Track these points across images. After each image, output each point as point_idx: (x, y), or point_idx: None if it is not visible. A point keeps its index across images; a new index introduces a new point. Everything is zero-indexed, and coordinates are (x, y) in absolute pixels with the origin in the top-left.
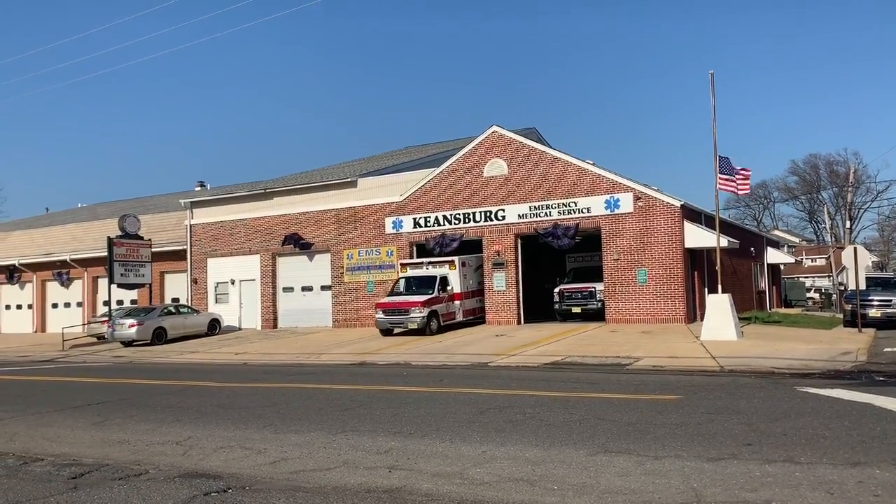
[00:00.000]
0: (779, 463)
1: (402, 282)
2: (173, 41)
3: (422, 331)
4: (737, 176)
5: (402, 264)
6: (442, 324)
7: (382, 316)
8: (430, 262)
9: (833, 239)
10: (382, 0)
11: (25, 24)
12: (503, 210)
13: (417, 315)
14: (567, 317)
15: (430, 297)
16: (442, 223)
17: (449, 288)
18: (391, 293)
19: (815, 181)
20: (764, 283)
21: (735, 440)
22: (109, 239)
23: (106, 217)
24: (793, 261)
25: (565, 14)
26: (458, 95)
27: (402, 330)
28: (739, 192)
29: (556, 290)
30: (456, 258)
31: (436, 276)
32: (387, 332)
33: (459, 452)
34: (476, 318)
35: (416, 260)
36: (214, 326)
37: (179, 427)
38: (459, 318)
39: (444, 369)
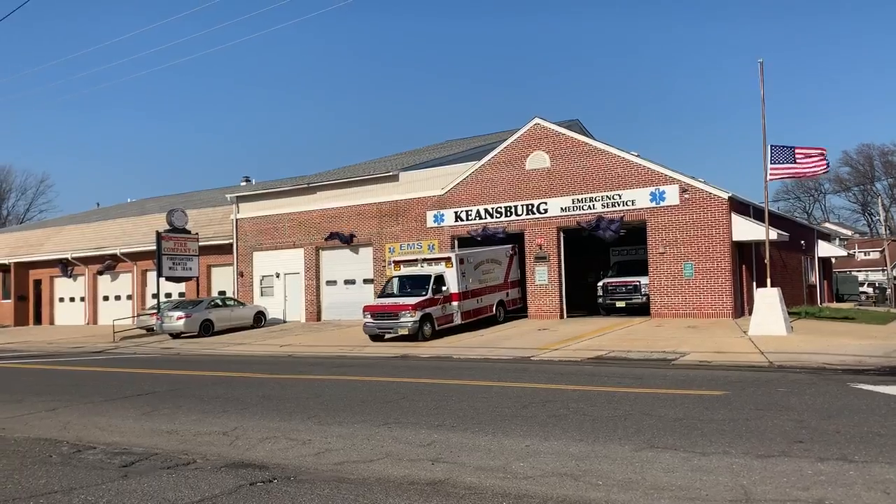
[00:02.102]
0: (832, 461)
1: (394, 281)
2: (221, 39)
3: (413, 337)
4: (798, 160)
5: (394, 262)
6: (437, 328)
7: (371, 321)
8: (424, 260)
9: (888, 231)
10: None
11: (74, 25)
12: (545, 203)
13: (408, 320)
14: (611, 311)
15: (422, 299)
16: (483, 217)
17: (444, 288)
18: (382, 294)
19: (868, 172)
20: (814, 277)
21: (785, 437)
22: (158, 233)
23: (154, 212)
24: (845, 254)
25: (611, 6)
26: (501, 89)
27: (393, 336)
28: (809, 174)
29: (600, 283)
30: (452, 254)
31: (430, 276)
32: (377, 338)
33: (502, 446)
34: (478, 320)
35: (409, 257)
36: (260, 319)
37: (226, 418)
38: (458, 321)
39: (486, 363)
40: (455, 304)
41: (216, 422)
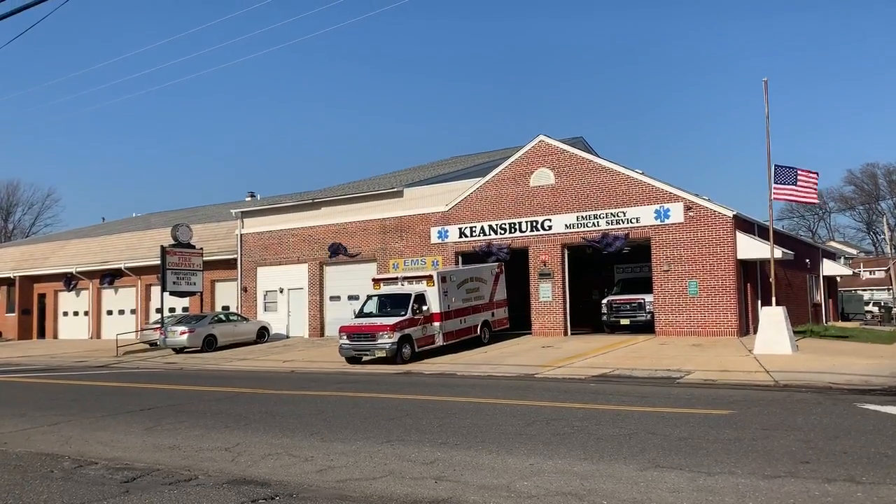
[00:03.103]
0: (839, 482)
1: (372, 300)
2: (225, 56)
3: (392, 360)
4: (799, 182)
5: (374, 280)
6: (417, 349)
7: (347, 342)
8: (405, 278)
9: (893, 250)
10: (424, 7)
11: (80, 42)
12: (550, 220)
13: (386, 341)
14: (615, 328)
15: (401, 319)
16: (488, 233)
17: (426, 308)
18: (359, 314)
19: (873, 191)
20: (820, 296)
21: (792, 457)
22: (162, 248)
23: (159, 226)
24: (850, 273)
25: (615, 19)
26: (505, 104)
27: (370, 358)
28: (802, 200)
29: (605, 301)
30: (434, 272)
31: (410, 294)
32: (353, 360)
33: (506, 465)
34: (462, 341)
35: (389, 275)
36: (263, 334)
37: (228, 433)
38: (440, 342)
39: (489, 380)
40: (437, 324)
41: (218, 438)
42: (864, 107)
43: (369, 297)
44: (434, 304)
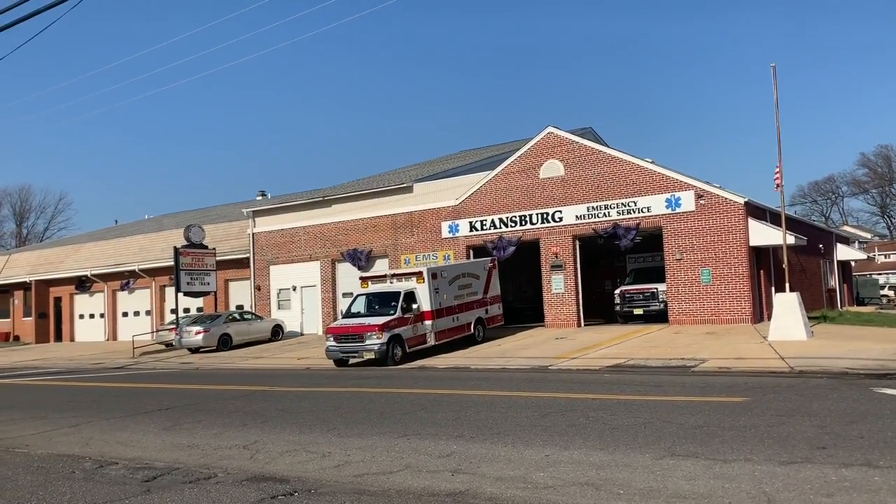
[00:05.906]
0: (856, 467)
1: (360, 300)
2: (234, 55)
3: (382, 361)
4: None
5: (362, 278)
6: (408, 350)
7: (334, 344)
8: (394, 275)
9: None
10: (431, 1)
11: (88, 44)
12: (560, 211)
13: (375, 342)
14: (629, 318)
15: (390, 318)
16: (498, 226)
17: (416, 306)
18: (347, 314)
19: (886, 174)
20: (834, 281)
21: (808, 443)
22: (175, 249)
23: (171, 228)
24: (864, 257)
25: (619, 5)
26: (512, 98)
27: (359, 360)
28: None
29: (618, 291)
30: (424, 269)
31: (399, 293)
32: (340, 362)
33: (522, 456)
34: (455, 340)
35: (378, 273)
36: (277, 332)
37: (246, 431)
38: (431, 341)
39: (503, 373)
40: (428, 322)
41: (236, 435)
42: (877, 88)
43: (357, 296)
44: (425, 302)
